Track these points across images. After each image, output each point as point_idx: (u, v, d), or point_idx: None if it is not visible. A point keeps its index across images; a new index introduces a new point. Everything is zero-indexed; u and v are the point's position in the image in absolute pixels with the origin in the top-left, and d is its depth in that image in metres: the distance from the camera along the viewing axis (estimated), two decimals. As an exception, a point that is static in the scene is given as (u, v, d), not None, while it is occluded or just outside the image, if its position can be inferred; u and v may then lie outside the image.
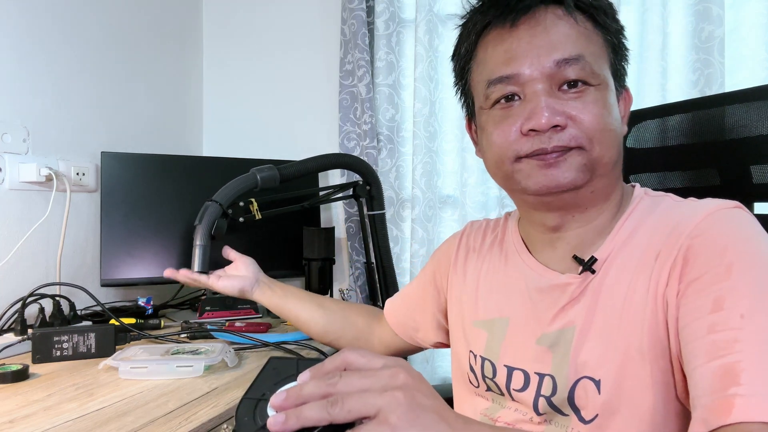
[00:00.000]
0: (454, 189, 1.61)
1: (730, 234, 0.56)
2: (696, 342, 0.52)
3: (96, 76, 1.48)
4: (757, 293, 0.51)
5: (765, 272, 0.52)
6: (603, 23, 0.63)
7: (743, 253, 0.54)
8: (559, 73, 0.60)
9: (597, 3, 0.63)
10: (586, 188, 0.63)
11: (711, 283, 0.53)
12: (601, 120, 0.60)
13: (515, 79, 0.62)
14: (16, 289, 1.24)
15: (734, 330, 0.49)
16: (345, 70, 1.65)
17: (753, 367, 0.47)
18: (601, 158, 0.61)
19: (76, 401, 0.79)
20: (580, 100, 0.60)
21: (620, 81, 0.66)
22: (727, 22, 1.35)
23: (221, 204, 1.23)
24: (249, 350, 1.10)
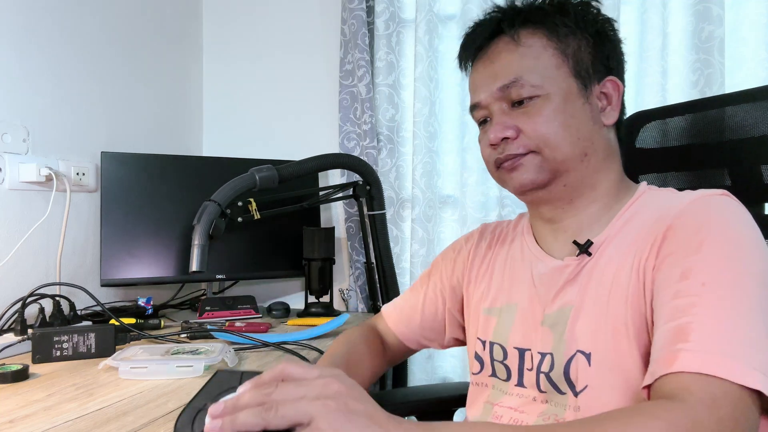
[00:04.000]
0: (454, 189, 1.62)
1: (708, 215, 0.60)
2: (661, 308, 0.57)
3: (96, 76, 1.48)
4: (722, 267, 0.55)
5: (733, 249, 0.57)
6: (558, 32, 0.70)
7: (716, 232, 0.58)
8: (505, 95, 0.71)
9: (549, 10, 0.71)
10: (556, 184, 0.71)
11: (683, 256, 0.58)
12: (546, 126, 0.68)
13: (480, 105, 0.74)
14: (16, 289, 1.24)
15: (693, 296, 0.54)
16: (345, 70, 1.65)
17: (703, 328, 0.52)
18: (556, 157, 0.69)
19: (76, 401, 0.79)
20: (526, 113, 0.69)
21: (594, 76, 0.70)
22: (727, 22, 1.35)
23: (220, 204, 1.23)
24: (249, 350, 1.10)
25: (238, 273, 1.59)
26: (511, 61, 0.70)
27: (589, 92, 0.70)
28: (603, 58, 0.71)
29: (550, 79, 0.69)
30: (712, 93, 1.34)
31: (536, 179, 0.70)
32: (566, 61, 0.69)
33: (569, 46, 0.70)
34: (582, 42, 0.70)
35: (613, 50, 0.72)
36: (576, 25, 0.70)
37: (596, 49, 0.70)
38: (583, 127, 0.69)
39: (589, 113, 0.70)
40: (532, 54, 0.70)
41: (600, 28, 0.71)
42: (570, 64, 0.69)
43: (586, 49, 0.70)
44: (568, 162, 0.69)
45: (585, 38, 0.70)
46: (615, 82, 0.71)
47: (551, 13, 0.71)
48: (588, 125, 0.69)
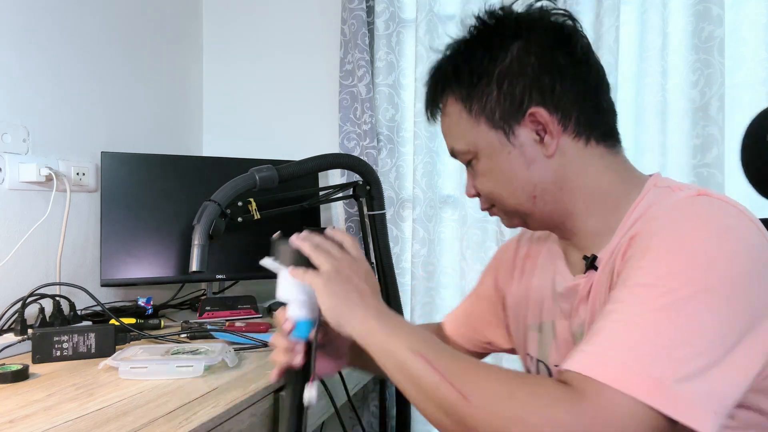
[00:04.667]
0: (454, 189, 1.61)
1: (666, 219, 0.58)
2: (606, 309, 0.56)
3: (96, 76, 1.48)
4: (655, 272, 0.54)
5: (675, 255, 0.54)
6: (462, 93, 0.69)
7: (666, 237, 0.56)
8: (456, 158, 0.76)
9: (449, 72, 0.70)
10: (532, 221, 0.72)
11: (631, 263, 0.57)
12: (486, 185, 0.71)
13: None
14: (16, 289, 1.24)
15: (619, 302, 0.54)
16: (345, 70, 1.65)
17: (608, 332, 0.52)
18: (507, 207, 0.71)
19: (76, 401, 0.79)
20: (473, 174, 0.73)
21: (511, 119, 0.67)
22: (727, 22, 1.35)
23: (219, 204, 1.23)
24: (249, 350, 1.10)
25: (238, 273, 1.59)
26: (444, 133, 0.75)
27: (514, 137, 0.67)
28: (516, 94, 0.66)
29: (473, 141, 0.69)
30: (712, 93, 1.34)
31: (512, 223, 0.74)
32: (479, 118, 0.68)
33: (475, 104, 0.68)
34: (486, 93, 0.67)
35: (535, 70, 0.65)
36: (474, 80, 0.67)
37: (502, 93, 0.66)
38: (516, 176, 0.68)
39: (520, 158, 0.67)
40: (453, 122, 0.72)
41: (502, 70, 0.66)
42: (483, 120, 0.68)
43: (492, 99, 0.67)
44: (520, 208, 0.70)
45: (487, 89, 0.67)
46: (539, 112, 0.65)
47: (450, 74, 0.70)
48: (521, 171, 0.68)
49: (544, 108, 0.65)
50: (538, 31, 0.67)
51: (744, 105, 1.39)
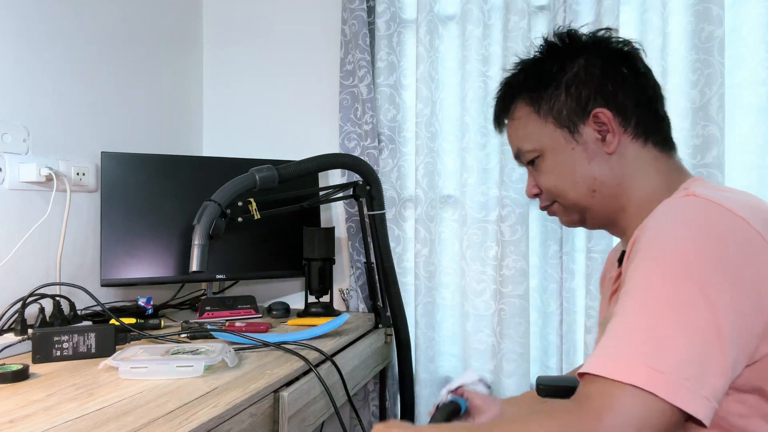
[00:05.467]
0: (454, 189, 1.62)
1: (657, 224, 0.63)
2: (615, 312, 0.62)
3: (96, 77, 1.48)
4: (646, 274, 0.59)
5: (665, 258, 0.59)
6: (532, 97, 0.78)
7: (655, 240, 0.61)
8: (520, 160, 0.83)
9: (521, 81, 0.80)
10: (589, 217, 0.78)
11: (629, 267, 0.62)
12: (549, 181, 0.78)
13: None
14: (16, 289, 1.24)
15: (621, 305, 0.59)
16: (345, 70, 1.65)
17: (614, 333, 0.58)
18: (568, 202, 0.78)
19: (76, 401, 0.79)
20: (537, 172, 0.80)
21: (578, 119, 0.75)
22: (727, 22, 1.35)
23: (220, 204, 1.23)
24: (249, 350, 1.10)
25: (238, 273, 1.59)
26: (512, 136, 0.83)
27: (578, 135, 0.75)
28: (582, 97, 0.74)
29: (540, 139, 0.77)
30: (712, 93, 1.34)
31: (571, 220, 0.81)
32: (547, 118, 0.77)
33: (544, 105, 0.77)
34: (554, 96, 0.76)
35: (598, 78, 0.74)
36: (544, 86, 0.77)
37: (569, 95, 0.75)
38: (578, 170, 0.75)
39: (583, 154, 0.75)
40: (522, 124, 0.80)
41: (569, 77, 0.75)
42: (551, 119, 0.76)
43: (560, 100, 0.75)
44: (580, 202, 0.77)
45: (557, 92, 0.76)
46: (602, 112, 0.73)
47: (522, 82, 0.80)
48: (584, 166, 0.75)
49: (608, 109, 0.73)
50: (603, 47, 0.76)
51: (744, 105, 1.39)
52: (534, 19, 1.52)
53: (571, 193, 0.76)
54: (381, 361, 1.50)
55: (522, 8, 1.48)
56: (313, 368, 1.02)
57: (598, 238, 1.43)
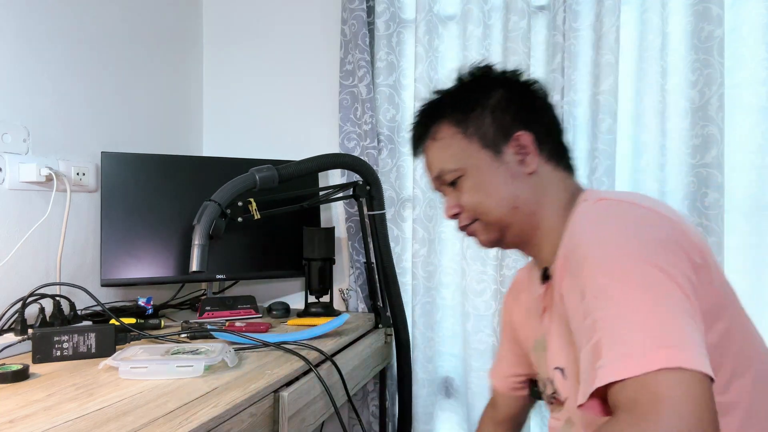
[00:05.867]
0: (454, 189, 1.62)
1: (583, 230, 0.68)
2: (578, 330, 0.64)
3: (96, 76, 1.48)
4: (606, 277, 0.61)
5: (612, 258, 0.62)
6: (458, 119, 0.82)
7: (591, 246, 0.65)
8: (441, 182, 0.85)
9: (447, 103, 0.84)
10: (507, 236, 0.82)
11: (576, 276, 0.65)
12: (473, 198, 0.81)
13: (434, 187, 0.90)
14: (16, 289, 1.24)
15: (594, 312, 0.60)
16: (345, 70, 1.65)
17: (608, 341, 0.58)
18: (491, 219, 0.81)
19: (76, 401, 0.79)
20: (459, 191, 0.83)
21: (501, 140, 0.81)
22: (727, 22, 1.35)
23: (220, 204, 1.23)
24: (249, 350, 1.10)
25: (238, 273, 1.59)
26: (433, 157, 0.85)
27: (501, 155, 0.80)
28: (505, 122, 0.81)
29: (464, 159, 0.81)
30: (712, 93, 1.34)
31: (489, 238, 0.83)
32: (473, 139, 0.81)
33: (471, 126, 0.81)
34: (480, 119, 0.81)
35: (516, 106, 0.81)
36: (470, 108, 0.82)
37: (495, 119, 0.81)
38: (502, 188, 0.80)
39: (506, 173, 0.80)
40: (446, 145, 0.83)
41: (493, 102, 0.81)
42: (477, 140, 0.81)
43: (486, 123, 0.81)
44: (503, 219, 0.80)
45: (482, 116, 0.81)
46: (523, 135, 0.80)
47: (448, 105, 0.84)
48: (507, 184, 0.80)
49: (527, 131, 0.80)
50: (518, 81, 0.84)
51: (744, 105, 1.39)
52: (534, 19, 1.53)
53: (495, 210, 0.80)
54: (381, 361, 1.50)
55: (522, 8, 1.48)
56: (313, 368, 1.02)
57: (597, 238, 1.43)
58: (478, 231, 0.84)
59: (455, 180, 0.82)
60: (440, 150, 0.84)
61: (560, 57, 1.48)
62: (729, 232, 1.38)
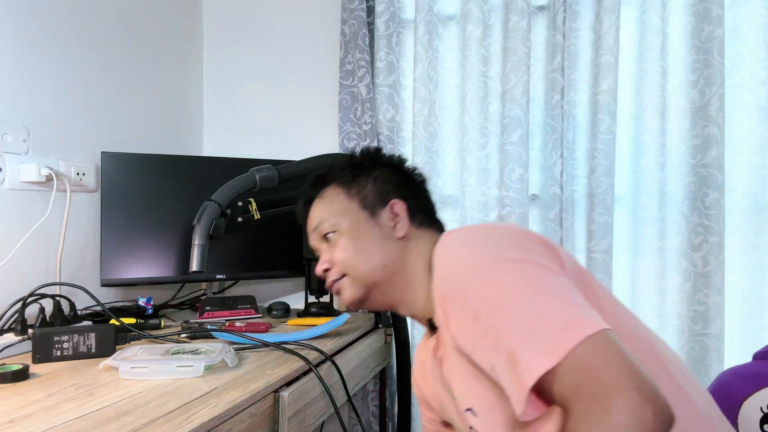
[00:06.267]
0: (454, 189, 1.62)
1: (447, 263, 0.72)
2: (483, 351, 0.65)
3: (96, 76, 1.48)
4: (487, 289, 0.64)
5: (483, 270, 0.66)
6: (345, 181, 0.92)
7: (460, 270, 0.69)
8: (318, 235, 0.92)
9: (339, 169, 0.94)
10: (374, 293, 0.87)
11: (460, 305, 0.67)
12: (344, 253, 0.87)
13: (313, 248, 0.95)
14: (16, 289, 1.24)
15: (494, 326, 0.62)
16: (345, 70, 1.65)
17: (519, 345, 0.59)
18: (359, 275, 0.86)
19: (76, 401, 0.79)
20: (332, 246, 0.89)
21: (379, 204, 0.89)
22: (727, 22, 1.35)
23: (220, 204, 1.23)
24: (249, 350, 1.10)
25: (238, 273, 1.59)
26: (316, 211, 0.93)
27: (377, 216, 0.88)
28: (384, 190, 0.90)
29: (342, 216, 0.89)
30: (712, 93, 1.34)
31: (354, 295, 0.88)
32: (353, 199, 0.90)
33: (353, 189, 0.91)
34: (364, 183, 0.91)
35: (396, 181, 0.92)
36: (357, 174, 0.92)
37: (377, 186, 0.91)
38: (373, 246, 0.86)
39: (379, 233, 0.87)
40: (329, 201, 0.92)
41: (377, 173, 0.92)
42: (357, 201, 0.90)
43: (368, 188, 0.91)
44: (370, 276, 0.86)
45: (366, 182, 0.91)
46: (398, 203, 0.89)
47: (339, 171, 0.94)
48: (378, 243, 0.86)
49: (402, 201, 0.89)
50: (403, 165, 0.96)
51: (744, 105, 1.39)
52: (534, 19, 1.53)
53: (363, 266, 0.86)
54: (381, 361, 1.50)
55: (522, 8, 1.48)
56: (313, 368, 1.02)
57: (598, 238, 1.44)
58: (344, 287, 0.89)
59: (330, 236, 0.89)
60: (323, 206, 0.92)
61: (560, 57, 1.48)
62: (729, 232, 1.38)
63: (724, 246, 1.35)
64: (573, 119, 1.48)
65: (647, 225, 1.44)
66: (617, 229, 1.48)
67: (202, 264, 1.21)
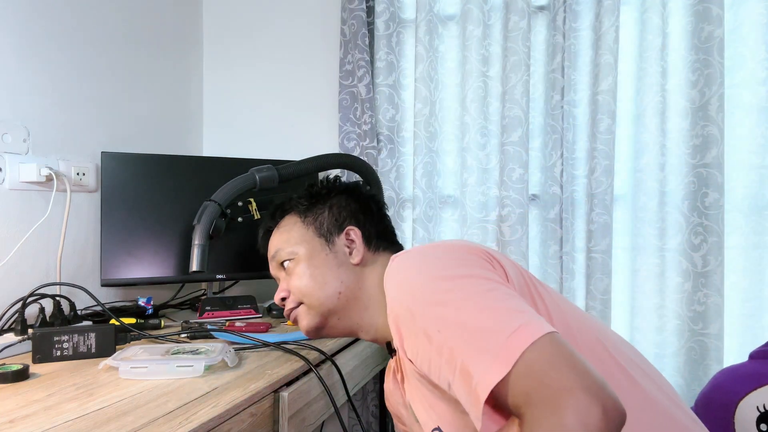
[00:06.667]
0: (454, 189, 1.62)
1: (392, 289, 0.72)
2: (440, 368, 0.64)
3: (96, 76, 1.48)
4: (433, 308, 0.65)
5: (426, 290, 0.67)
6: (301, 210, 0.94)
7: (405, 293, 0.69)
8: (276, 263, 0.93)
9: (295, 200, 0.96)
10: (331, 319, 0.88)
11: (411, 328, 0.67)
12: (300, 281, 0.88)
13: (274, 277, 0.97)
14: (16, 289, 1.24)
15: (446, 343, 0.62)
16: (345, 70, 1.65)
17: (470, 359, 0.59)
18: (314, 303, 0.87)
19: (76, 401, 0.79)
20: (289, 275, 0.91)
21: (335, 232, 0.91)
22: (727, 22, 1.36)
23: (220, 204, 1.23)
24: (249, 350, 1.10)
25: (238, 273, 1.59)
26: (274, 240, 0.95)
27: (332, 243, 0.90)
28: (340, 217, 0.92)
29: (298, 244, 0.91)
30: (712, 93, 1.34)
31: (311, 323, 0.89)
32: (309, 227, 0.92)
33: (310, 216, 0.93)
34: (320, 212, 0.93)
35: (352, 209, 0.93)
36: (313, 203, 0.94)
37: (332, 213, 0.93)
38: (329, 273, 0.88)
39: (334, 260, 0.89)
40: (287, 230, 0.94)
41: (333, 201, 0.94)
42: (312, 229, 0.92)
43: (324, 216, 0.93)
44: (326, 303, 0.87)
45: (322, 210, 0.93)
46: (353, 230, 0.91)
47: (296, 200, 0.96)
48: (333, 270, 0.88)
49: (358, 228, 0.91)
50: (362, 192, 0.98)
51: (744, 105, 1.39)
52: (534, 19, 1.53)
53: (319, 293, 0.87)
54: (381, 361, 1.50)
55: (522, 8, 1.48)
56: (313, 368, 1.02)
57: (598, 238, 1.44)
58: (300, 315, 0.89)
59: (287, 264, 0.90)
60: (280, 235, 0.94)
61: (560, 57, 1.48)
62: (729, 232, 1.38)
63: (723, 246, 1.35)
64: (573, 119, 1.48)
65: (647, 225, 1.44)
66: (617, 229, 1.48)
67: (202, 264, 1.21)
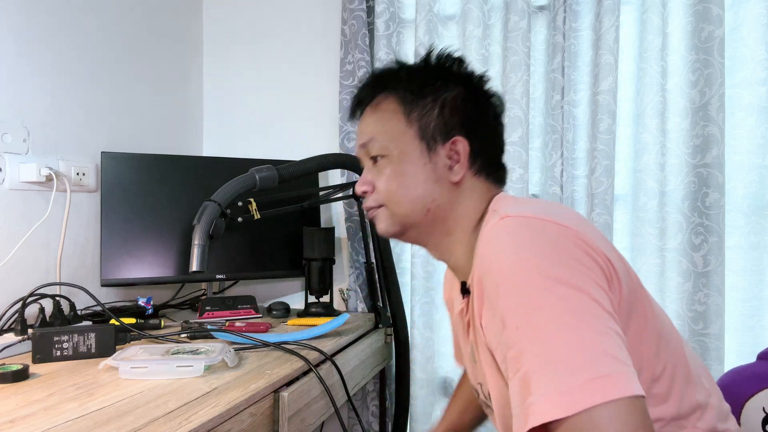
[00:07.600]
0: (454, 189, 1.62)
1: (492, 255, 0.63)
2: (503, 361, 0.61)
3: (96, 77, 1.48)
4: (524, 305, 0.58)
5: (526, 284, 0.59)
6: (406, 99, 0.77)
7: (503, 272, 0.61)
8: (366, 151, 0.80)
9: (402, 77, 0.79)
10: (410, 233, 0.79)
11: (492, 306, 0.62)
12: (387, 184, 0.77)
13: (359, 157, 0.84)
14: (16, 289, 1.24)
15: (518, 344, 0.57)
16: (345, 70, 1.65)
17: (536, 375, 0.54)
18: (398, 212, 0.77)
19: (76, 401, 0.79)
20: (378, 171, 0.79)
21: (439, 138, 0.76)
22: (727, 22, 1.35)
23: (220, 204, 1.23)
24: (249, 350, 1.10)
25: (238, 273, 1.59)
26: (369, 123, 0.80)
27: (434, 153, 0.76)
28: (450, 122, 0.76)
29: (396, 141, 0.77)
30: (712, 93, 1.34)
31: (388, 230, 0.80)
32: (412, 125, 0.77)
33: (415, 111, 0.77)
34: (428, 108, 0.77)
35: (466, 112, 0.77)
36: (423, 94, 0.77)
37: (442, 115, 0.76)
38: (421, 186, 0.76)
39: (431, 173, 0.76)
40: (386, 117, 0.79)
41: (446, 95, 0.77)
42: (415, 128, 0.76)
43: (432, 115, 0.76)
44: (410, 216, 0.77)
45: (432, 107, 0.77)
46: (461, 142, 0.76)
47: (403, 80, 0.79)
48: (428, 184, 0.76)
49: (467, 140, 0.76)
50: (481, 86, 0.81)
51: (744, 105, 1.39)
52: (534, 19, 1.53)
53: (406, 204, 0.77)
54: (381, 361, 1.50)
55: (522, 8, 1.48)
56: (313, 368, 1.02)
57: (597, 238, 1.43)
58: (380, 218, 0.80)
59: (377, 157, 0.78)
60: (377, 121, 0.79)
61: (560, 57, 1.48)
62: (729, 232, 1.38)
63: (724, 246, 1.35)
64: (573, 119, 1.48)
65: (647, 225, 1.44)
66: (617, 229, 1.48)
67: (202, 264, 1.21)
